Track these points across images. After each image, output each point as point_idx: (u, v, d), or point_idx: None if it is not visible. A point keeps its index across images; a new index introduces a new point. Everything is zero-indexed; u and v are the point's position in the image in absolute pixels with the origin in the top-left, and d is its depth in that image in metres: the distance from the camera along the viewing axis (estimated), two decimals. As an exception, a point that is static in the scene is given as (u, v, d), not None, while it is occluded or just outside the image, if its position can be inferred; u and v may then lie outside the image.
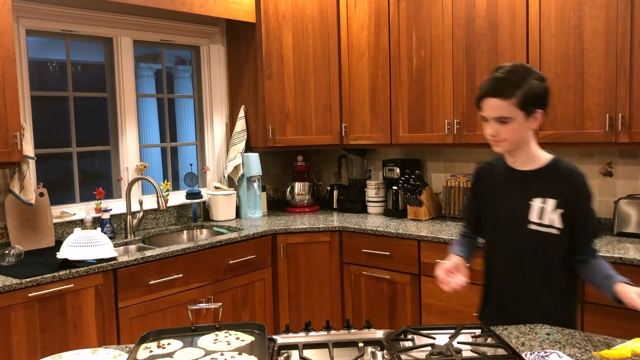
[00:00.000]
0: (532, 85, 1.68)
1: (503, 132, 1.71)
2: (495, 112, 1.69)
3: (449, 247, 2.05)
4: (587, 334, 1.64)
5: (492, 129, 1.72)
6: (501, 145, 1.74)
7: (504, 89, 1.67)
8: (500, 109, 1.68)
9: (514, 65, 1.72)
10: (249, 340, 1.48)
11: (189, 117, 4.09)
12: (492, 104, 1.69)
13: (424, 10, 3.43)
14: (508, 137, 1.71)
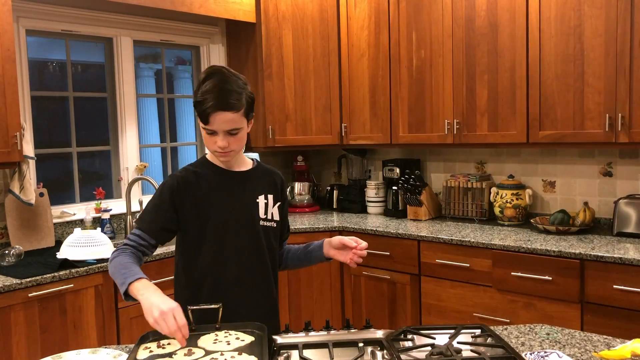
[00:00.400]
0: (247, 91, 1.68)
1: (232, 143, 1.67)
2: (227, 125, 1.63)
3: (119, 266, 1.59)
4: (587, 334, 1.64)
5: (224, 141, 1.64)
6: (230, 155, 1.70)
7: (235, 101, 1.62)
8: (233, 121, 1.63)
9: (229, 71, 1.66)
10: (249, 340, 1.48)
11: (189, 117, 4.09)
12: (227, 117, 1.61)
13: (424, 10, 3.43)
14: (236, 147, 1.69)
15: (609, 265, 2.57)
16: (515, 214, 3.33)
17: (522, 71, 3.07)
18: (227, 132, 1.64)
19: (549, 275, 2.73)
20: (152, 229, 1.69)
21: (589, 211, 3.09)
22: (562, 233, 3.02)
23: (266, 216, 1.80)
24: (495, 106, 3.19)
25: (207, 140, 1.68)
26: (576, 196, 3.31)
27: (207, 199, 1.74)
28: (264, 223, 1.79)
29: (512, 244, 2.86)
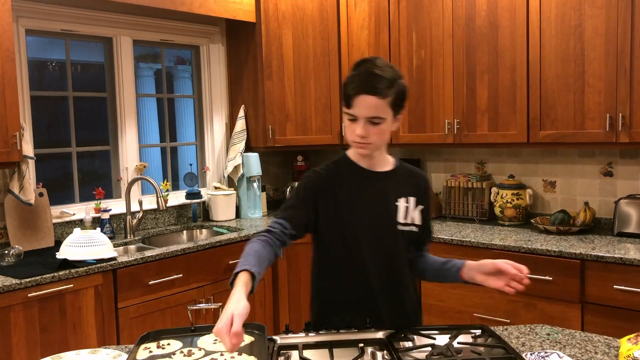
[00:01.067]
0: (401, 84, 1.61)
1: (373, 134, 1.58)
2: (370, 111, 1.56)
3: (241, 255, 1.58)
4: (587, 334, 1.64)
5: (363, 129, 1.57)
6: (368, 148, 1.62)
7: (382, 87, 1.55)
8: (376, 107, 1.56)
9: (383, 61, 1.61)
10: (249, 340, 1.48)
11: (189, 117, 4.09)
12: (368, 102, 1.55)
13: (424, 10, 3.43)
14: (376, 139, 1.60)
15: (610, 266, 2.56)
16: (515, 214, 3.33)
17: (523, 71, 3.06)
18: (368, 119, 1.56)
19: (550, 276, 2.73)
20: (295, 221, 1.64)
21: (590, 211, 3.09)
22: (562, 233, 3.02)
23: (406, 220, 1.71)
24: (495, 106, 3.19)
25: (348, 128, 1.62)
26: (576, 196, 3.31)
27: (347, 199, 1.67)
28: (403, 228, 1.70)
29: (513, 244, 2.86)
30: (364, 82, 1.56)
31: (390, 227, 1.69)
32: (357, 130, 1.58)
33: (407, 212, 1.71)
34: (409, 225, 1.71)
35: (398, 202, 1.70)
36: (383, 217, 1.69)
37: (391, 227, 1.69)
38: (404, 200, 1.71)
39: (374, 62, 1.60)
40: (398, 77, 1.60)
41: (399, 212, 1.70)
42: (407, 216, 1.71)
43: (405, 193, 1.72)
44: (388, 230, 1.69)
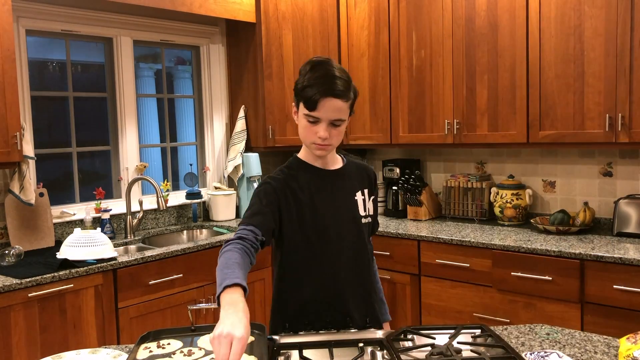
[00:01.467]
0: (354, 87, 1.67)
1: (334, 136, 1.61)
2: (335, 114, 1.58)
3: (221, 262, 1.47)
4: (587, 334, 1.64)
5: (326, 131, 1.58)
6: (328, 149, 1.64)
7: (345, 89, 1.59)
8: (341, 110, 1.59)
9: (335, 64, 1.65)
10: (249, 340, 1.48)
11: (189, 117, 4.09)
12: (334, 105, 1.57)
13: (424, 10, 3.43)
14: (336, 141, 1.63)
15: (609, 265, 2.57)
16: (515, 214, 3.33)
17: (522, 71, 3.07)
18: (331, 122, 1.59)
19: (549, 275, 2.73)
20: (264, 227, 1.61)
21: (589, 211, 3.09)
22: (562, 233, 3.02)
23: (365, 213, 1.76)
24: (495, 106, 3.19)
25: (307, 130, 1.61)
26: (576, 196, 3.31)
27: (309, 200, 1.67)
28: (365, 220, 1.75)
29: (512, 244, 2.86)
30: (329, 85, 1.57)
31: (354, 221, 1.73)
32: (320, 133, 1.59)
33: (364, 204, 1.76)
34: (367, 217, 1.77)
35: (356, 196, 1.75)
36: (346, 213, 1.73)
37: (355, 222, 1.74)
38: (360, 193, 1.76)
39: (331, 64, 1.63)
40: (350, 79, 1.66)
41: (358, 205, 1.75)
42: (365, 208, 1.76)
43: (359, 187, 1.77)
44: (352, 225, 1.73)
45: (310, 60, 1.67)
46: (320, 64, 1.63)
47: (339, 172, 1.76)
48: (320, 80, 1.58)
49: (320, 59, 1.66)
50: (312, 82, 1.58)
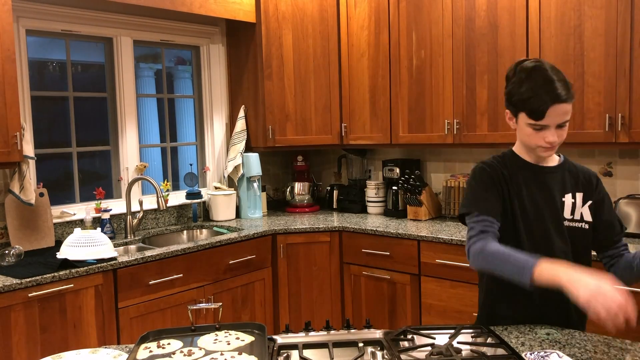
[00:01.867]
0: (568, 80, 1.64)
1: (561, 136, 1.62)
2: (563, 117, 1.58)
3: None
4: (587, 334, 1.64)
5: (554, 135, 1.60)
6: (554, 149, 1.65)
7: (569, 92, 1.58)
8: (568, 113, 1.59)
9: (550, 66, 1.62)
10: (249, 340, 1.48)
11: (189, 117, 4.09)
12: (563, 109, 1.57)
13: (424, 10, 3.43)
14: (562, 139, 1.63)
15: (609, 265, 2.56)
16: (515, 214, 3.33)
17: (522, 71, 3.06)
18: (558, 125, 1.59)
19: (549, 275, 2.72)
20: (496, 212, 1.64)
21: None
22: (562, 233, 3.02)
23: (572, 216, 1.69)
24: (495, 106, 3.19)
25: (533, 136, 1.62)
26: (576, 196, 3.31)
27: (518, 194, 1.68)
28: (570, 224, 1.69)
29: (512, 244, 2.86)
30: (553, 93, 1.55)
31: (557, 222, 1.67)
32: (549, 138, 1.59)
33: (573, 207, 1.69)
34: (577, 222, 1.69)
35: (565, 197, 1.69)
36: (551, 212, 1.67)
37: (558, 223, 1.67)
38: (571, 195, 1.70)
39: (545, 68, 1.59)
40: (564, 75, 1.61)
41: (565, 207, 1.69)
42: (573, 212, 1.69)
43: (572, 188, 1.71)
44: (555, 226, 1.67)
45: (520, 65, 1.64)
46: (535, 70, 1.60)
47: (551, 170, 1.72)
48: (542, 90, 1.56)
49: (532, 64, 1.62)
50: (535, 92, 1.57)
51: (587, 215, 1.71)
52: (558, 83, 1.57)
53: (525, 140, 1.66)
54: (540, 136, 1.61)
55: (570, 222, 1.69)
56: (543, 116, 1.57)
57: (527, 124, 1.61)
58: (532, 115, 1.58)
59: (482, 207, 1.64)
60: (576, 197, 1.70)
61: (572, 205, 1.69)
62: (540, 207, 1.68)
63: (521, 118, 1.63)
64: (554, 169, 1.72)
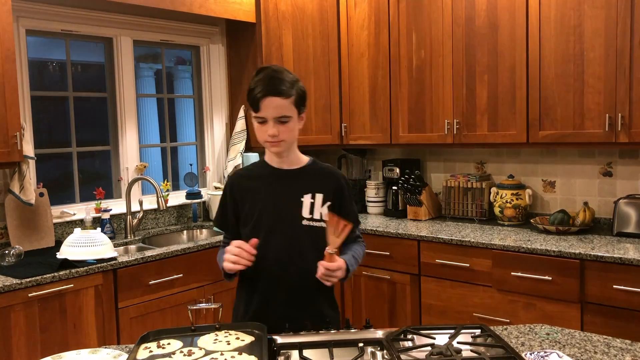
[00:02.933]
0: (300, 84, 1.75)
1: (283, 132, 1.71)
2: (277, 111, 1.69)
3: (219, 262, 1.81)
4: (587, 334, 1.64)
5: (273, 128, 1.69)
6: (281, 145, 1.73)
7: (284, 88, 1.69)
8: (282, 107, 1.69)
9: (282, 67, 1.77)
10: (249, 340, 1.48)
11: (189, 117, 4.09)
12: (274, 103, 1.68)
13: (424, 10, 3.43)
14: (287, 137, 1.72)
15: (609, 265, 2.57)
16: (515, 214, 3.33)
17: (522, 71, 3.07)
18: (276, 119, 1.69)
19: (549, 275, 2.73)
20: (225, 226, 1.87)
21: (589, 211, 3.09)
22: (562, 233, 3.02)
23: (312, 216, 1.78)
24: (495, 106, 3.19)
25: (259, 131, 1.73)
26: (576, 196, 3.31)
27: (255, 196, 1.80)
28: (309, 222, 1.77)
29: (512, 244, 2.86)
30: (268, 85, 1.68)
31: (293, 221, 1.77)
32: (269, 131, 1.70)
33: (312, 207, 1.78)
34: (317, 221, 1.78)
35: (303, 197, 1.78)
36: (286, 211, 1.77)
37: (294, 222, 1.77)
38: (310, 195, 1.79)
39: (273, 68, 1.74)
40: (297, 79, 1.75)
41: (303, 207, 1.78)
42: (312, 211, 1.78)
43: (311, 189, 1.79)
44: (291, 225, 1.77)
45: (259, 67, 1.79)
46: (264, 68, 1.74)
47: (290, 172, 1.82)
48: (261, 82, 1.69)
49: (266, 65, 1.79)
50: (255, 84, 1.70)
51: (325, 215, 1.77)
52: (278, 80, 1.69)
53: (257, 136, 1.76)
54: (264, 130, 1.71)
55: (309, 222, 1.77)
56: (258, 107, 1.69)
57: (253, 118, 1.73)
58: (251, 106, 1.71)
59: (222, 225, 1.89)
60: (315, 197, 1.79)
61: (311, 205, 1.78)
62: (278, 207, 1.78)
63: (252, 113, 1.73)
64: (295, 170, 1.83)
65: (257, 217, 1.78)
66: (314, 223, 1.78)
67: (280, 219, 1.77)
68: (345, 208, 1.85)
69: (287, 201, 1.78)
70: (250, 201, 1.81)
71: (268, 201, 1.79)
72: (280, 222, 1.77)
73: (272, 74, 1.70)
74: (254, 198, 1.80)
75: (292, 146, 1.80)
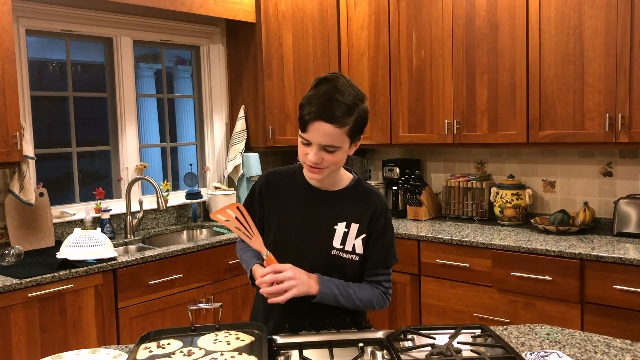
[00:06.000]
0: (362, 108, 1.49)
1: (326, 161, 1.49)
2: (325, 139, 1.45)
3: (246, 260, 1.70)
4: (587, 334, 1.64)
5: (315, 156, 1.47)
6: (321, 173, 1.51)
7: (339, 114, 1.43)
8: (332, 136, 1.45)
9: (346, 82, 1.50)
10: (249, 340, 1.48)
11: (189, 117, 4.09)
12: (323, 130, 1.44)
13: (424, 10, 3.43)
14: (330, 166, 1.50)
15: (609, 265, 2.57)
16: (515, 214, 3.33)
17: (522, 71, 3.07)
18: (322, 146, 1.46)
19: (549, 275, 2.73)
20: None
21: (589, 211, 3.09)
22: (562, 233, 3.02)
23: (343, 247, 1.58)
24: (495, 106, 3.19)
25: (301, 149, 1.52)
26: (576, 196, 3.31)
27: (286, 207, 1.61)
28: (338, 253, 1.59)
29: (512, 244, 2.86)
30: (321, 108, 1.44)
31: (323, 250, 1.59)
32: (310, 157, 1.48)
33: (344, 237, 1.59)
34: (348, 253, 1.59)
35: (337, 225, 1.59)
36: (318, 240, 1.59)
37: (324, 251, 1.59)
38: (345, 224, 1.59)
39: (334, 84, 1.48)
40: (360, 100, 1.49)
41: (335, 236, 1.59)
42: (344, 242, 1.59)
43: (347, 218, 1.60)
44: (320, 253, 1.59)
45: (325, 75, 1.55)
46: (325, 81, 1.50)
47: (329, 195, 1.62)
48: (315, 100, 1.45)
49: (328, 76, 1.52)
50: (308, 101, 1.47)
51: (359, 248, 1.60)
52: (336, 102, 1.44)
53: (298, 151, 1.54)
54: (305, 151, 1.50)
55: (339, 252, 1.59)
56: (305, 128, 1.46)
57: (299, 134, 1.51)
58: (299, 122, 1.48)
59: None
60: (350, 227, 1.59)
61: (344, 235, 1.59)
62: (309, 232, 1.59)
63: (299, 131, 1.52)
64: (334, 193, 1.62)
65: (284, 234, 1.61)
66: (344, 255, 1.59)
67: (309, 245, 1.59)
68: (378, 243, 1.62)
69: (320, 227, 1.59)
70: (280, 213, 1.63)
71: (298, 221, 1.61)
72: (308, 247, 1.59)
73: (331, 94, 1.44)
74: (285, 209, 1.62)
75: (336, 170, 1.58)
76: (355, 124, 1.48)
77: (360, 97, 1.50)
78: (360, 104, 1.49)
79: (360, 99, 1.49)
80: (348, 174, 1.67)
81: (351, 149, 1.54)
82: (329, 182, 1.62)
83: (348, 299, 1.58)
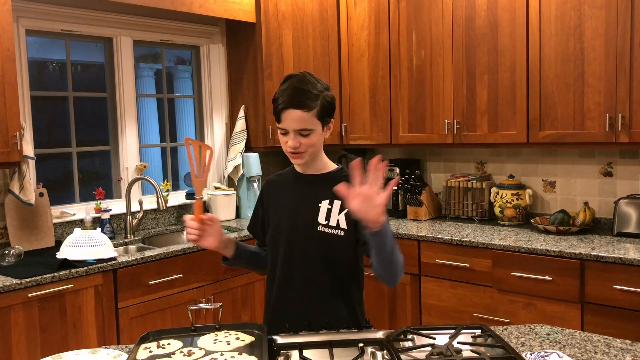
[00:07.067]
0: (327, 95, 1.68)
1: (304, 144, 1.67)
2: (297, 124, 1.64)
3: None
4: (587, 334, 1.64)
5: (293, 141, 1.66)
6: (302, 157, 1.70)
7: (306, 100, 1.63)
8: (303, 120, 1.63)
9: (309, 76, 1.70)
10: (249, 340, 1.48)
11: (189, 117, 4.09)
12: (294, 116, 1.63)
13: (424, 10, 3.43)
14: (308, 149, 1.68)
15: (609, 265, 2.57)
16: (515, 214, 3.33)
17: (522, 71, 3.07)
18: (297, 131, 1.65)
19: (549, 275, 2.73)
20: (256, 232, 1.91)
21: (589, 211, 3.09)
22: (562, 233, 3.02)
23: (327, 222, 1.71)
24: (495, 106, 3.19)
25: (282, 141, 1.71)
26: (576, 196, 3.31)
27: (279, 202, 1.81)
28: (324, 229, 1.71)
29: (512, 244, 2.86)
30: (290, 97, 1.63)
31: (309, 227, 1.72)
32: (289, 142, 1.67)
33: (328, 213, 1.72)
34: (332, 228, 1.70)
35: (321, 203, 1.73)
36: (302, 217, 1.74)
37: (309, 228, 1.72)
38: (327, 202, 1.73)
39: (298, 78, 1.68)
40: (324, 88, 1.69)
41: (319, 213, 1.72)
42: (328, 218, 1.71)
43: (331, 196, 1.70)
44: (306, 231, 1.72)
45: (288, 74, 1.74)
46: (291, 76, 1.69)
47: (311, 178, 1.79)
48: (284, 93, 1.65)
49: (294, 73, 1.73)
50: (279, 95, 1.66)
51: (343, 223, 1.70)
52: (301, 91, 1.63)
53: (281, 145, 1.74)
54: (285, 140, 1.69)
55: (325, 228, 1.71)
56: (280, 118, 1.66)
57: (277, 128, 1.70)
58: (274, 116, 1.68)
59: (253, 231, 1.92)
60: (333, 204, 1.72)
61: (327, 211, 1.72)
62: (296, 213, 1.75)
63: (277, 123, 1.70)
64: (316, 176, 1.79)
65: (277, 222, 1.78)
66: (328, 230, 1.70)
67: (297, 224, 1.74)
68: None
69: (306, 207, 1.74)
70: (274, 207, 1.82)
71: (288, 207, 1.78)
72: (297, 226, 1.74)
73: (297, 85, 1.65)
74: (278, 204, 1.81)
75: (316, 155, 1.75)
76: (322, 107, 1.66)
77: (324, 86, 1.70)
78: (325, 90, 1.69)
79: (325, 88, 1.70)
80: (332, 163, 1.83)
81: (325, 132, 1.71)
82: (314, 167, 1.79)
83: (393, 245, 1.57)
